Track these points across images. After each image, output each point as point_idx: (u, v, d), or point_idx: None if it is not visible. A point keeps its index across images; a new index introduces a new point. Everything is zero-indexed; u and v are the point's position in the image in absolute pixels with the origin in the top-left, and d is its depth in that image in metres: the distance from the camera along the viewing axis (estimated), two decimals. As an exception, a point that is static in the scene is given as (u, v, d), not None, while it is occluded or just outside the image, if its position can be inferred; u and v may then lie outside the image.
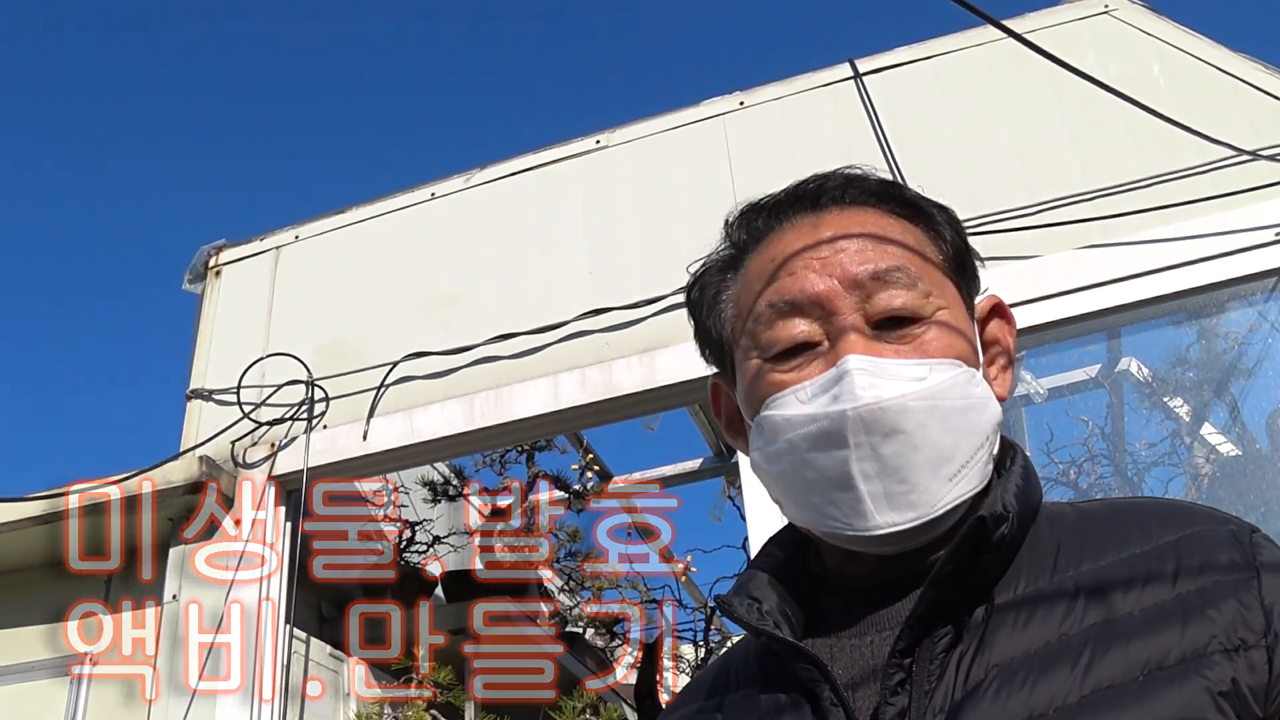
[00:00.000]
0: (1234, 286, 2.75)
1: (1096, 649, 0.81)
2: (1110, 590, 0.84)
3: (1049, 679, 0.80)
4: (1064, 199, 2.94)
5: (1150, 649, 0.80)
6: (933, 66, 3.34)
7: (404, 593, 4.24)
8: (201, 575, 3.35)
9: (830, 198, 1.00)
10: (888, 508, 0.89)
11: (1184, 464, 3.47)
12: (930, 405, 0.89)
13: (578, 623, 5.54)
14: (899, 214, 1.00)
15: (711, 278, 1.06)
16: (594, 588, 5.48)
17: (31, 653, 3.69)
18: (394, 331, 3.56)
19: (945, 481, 0.89)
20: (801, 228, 0.99)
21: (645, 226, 3.38)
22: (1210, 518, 0.90)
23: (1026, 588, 0.87)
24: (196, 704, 3.13)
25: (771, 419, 0.94)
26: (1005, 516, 0.88)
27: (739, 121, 3.47)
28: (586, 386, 3.17)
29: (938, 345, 0.92)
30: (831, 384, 0.90)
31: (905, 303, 0.93)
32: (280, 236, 3.97)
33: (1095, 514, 0.94)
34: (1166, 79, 3.03)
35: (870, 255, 0.94)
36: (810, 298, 0.94)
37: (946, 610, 0.86)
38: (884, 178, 1.03)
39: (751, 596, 0.95)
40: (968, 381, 0.92)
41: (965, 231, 1.03)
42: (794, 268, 0.96)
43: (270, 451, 3.46)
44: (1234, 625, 0.80)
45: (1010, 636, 0.84)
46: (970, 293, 1.00)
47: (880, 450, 0.88)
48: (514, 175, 3.71)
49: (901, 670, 0.85)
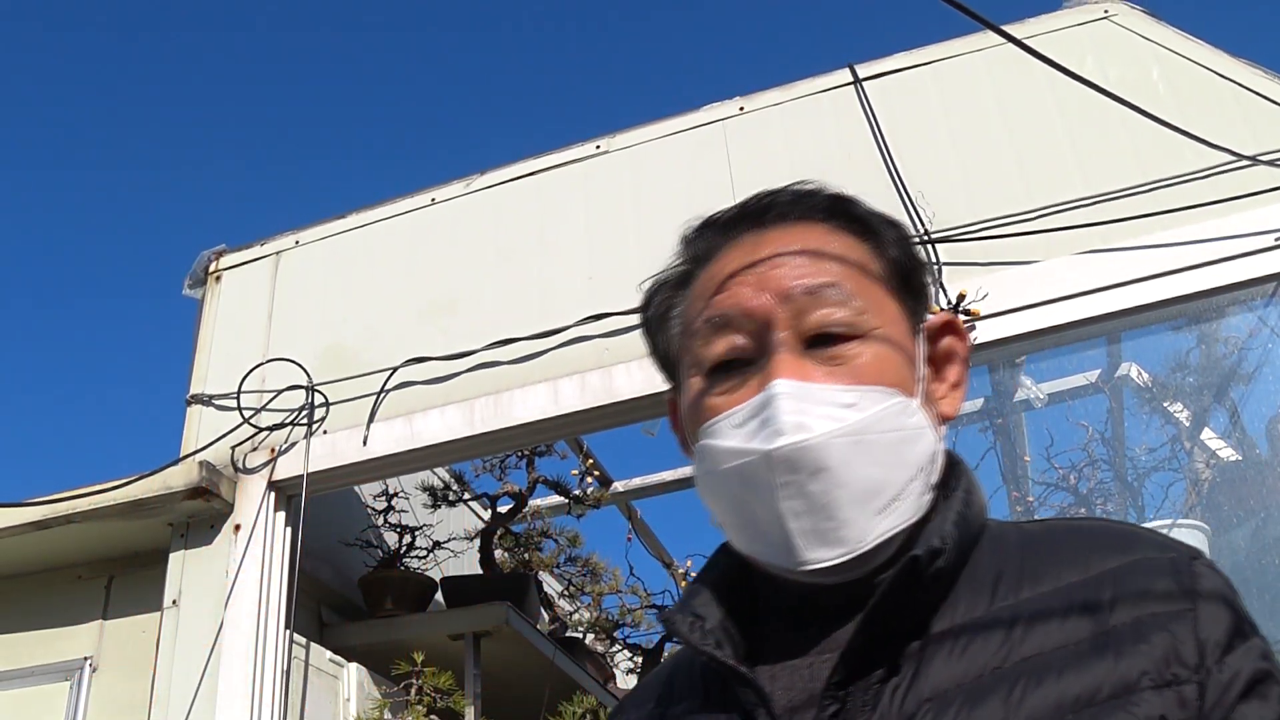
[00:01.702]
0: (1234, 291, 2.75)
1: (1029, 683, 0.80)
2: (1047, 621, 0.84)
3: (980, 712, 0.79)
4: (1064, 204, 2.95)
5: (1082, 684, 0.79)
6: (933, 72, 3.35)
7: (404, 598, 4.23)
8: (201, 580, 3.35)
9: (776, 214, 1.00)
10: (817, 544, 0.88)
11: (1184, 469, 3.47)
12: (855, 441, 0.88)
13: (577, 628, 5.54)
14: (846, 229, 0.99)
15: (663, 295, 1.07)
16: (594, 593, 5.48)
17: (32, 658, 3.69)
18: (394, 336, 3.56)
19: (874, 515, 0.89)
20: (744, 245, 0.99)
21: (645, 232, 3.38)
22: (1152, 544, 0.89)
23: (964, 617, 0.86)
24: (197, 709, 3.13)
25: (707, 447, 0.94)
26: (941, 550, 0.87)
27: (739, 127, 3.47)
28: (586, 391, 3.17)
29: (870, 369, 0.91)
30: (759, 409, 0.90)
31: (838, 319, 0.92)
32: (280, 241, 3.97)
33: (1038, 537, 0.93)
34: (1166, 84, 3.03)
35: (806, 271, 0.94)
36: (743, 312, 0.94)
37: (882, 642, 0.85)
38: (837, 193, 1.03)
39: (695, 614, 0.94)
40: (900, 412, 0.91)
41: (915, 249, 1.02)
42: (731, 284, 0.96)
43: (270, 457, 3.46)
44: (1166, 659, 0.79)
45: (945, 666, 0.83)
46: (916, 311, 0.99)
47: (807, 488, 0.88)
48: (514, 180, 3.71)
49: (837, 701, 0.84)
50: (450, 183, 3.81)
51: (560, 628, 5.28)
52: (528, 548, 5.24)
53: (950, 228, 3.00)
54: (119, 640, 3.64)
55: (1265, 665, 0.81)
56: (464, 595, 4.28)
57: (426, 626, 4.12)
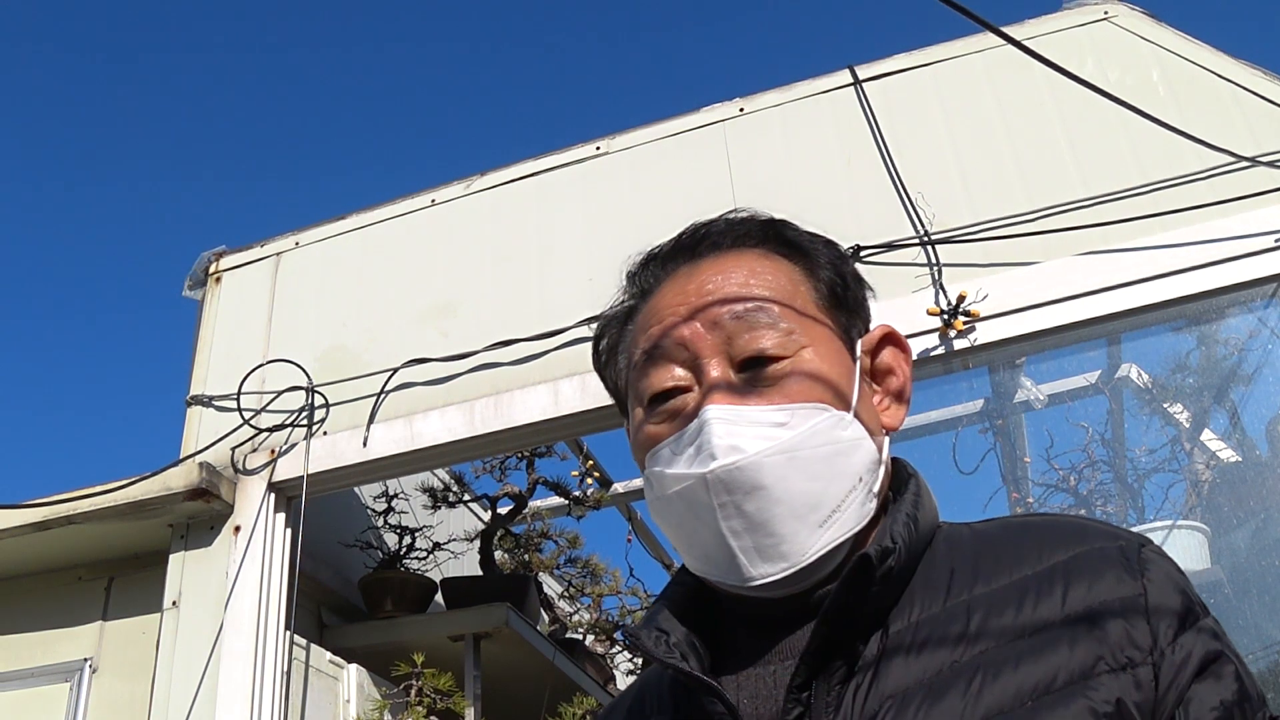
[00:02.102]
0: (1234, 292, 2.75)
1: (987, 675, 0.81)
2: (1002, 614, 0.85)
3: (941, 707, 0.81)
4: (1063, 205, 2.95)
5: (1039, 673, 0.80)
6: (932, 73, 3.35)
7: (404, 599, 4.23)
8: (201, 582, 3.35)
9: (709, 244, 1.03)
10: (760, 560, 0.90)
11: (1184, 470, 3.47)
12: (788, 457, 0.90)
13: (577, 629, 5.54)
14: (777, 253, 1.02)
15: (610, 331, 1.10)
16: (594, 594, 5.48)
17: (32, 659, 3.69)
18: (394, 337, 3.56)
19: (814, 529, 0.90)
20: (679, 277, 1.02)
21: (645, 233, 3.34)
22: (1101, 534, 0.90)
23: (920, 614, 0.88)
24: (197, 711, 3.13)
25: (654, 474, 0.96)
26: (892, 549, 0.88)
27: (739, 128, 3.47)
28: (586, 393, 3.17)
29: (799, 388, 0.93)
30: (695, 435, 0.92)
31: (766, 341, 0.94)
32: (280, 243, 3.97)
33: (990, 535, 0.95)
34: (1166, 85, 3.03)
35: (734, 296, 0.96)
36: (675, 341, 0.96)
37: (840, 643, 0.87)
38: (769, 218, 1.05)
39: (659, 629, 0.96)
40: (833, 426, 0.93)
41: (849, 267, 1.04)
42: (663, 316, 0.99)
43: (270, 458, 3.46)
44: (1121, 644, 0.81)
45: (904, 665, 0.84)
46: (850, 328, 1.01)
47: (744, 507, 0.90)
48: (514, 181, 3.71)
49: (800, 704, 0.85)
50: (450, 184, 3.81)
51: (560, 629, 5.27)
52: (528, 549, 5.25)
53: (950, 229, 3.00)
54: (119, 641, 3.64)
55: (1217, 645, 0.83)
56: (464, 596, 4.28)
57: (426, 628, 4.12)
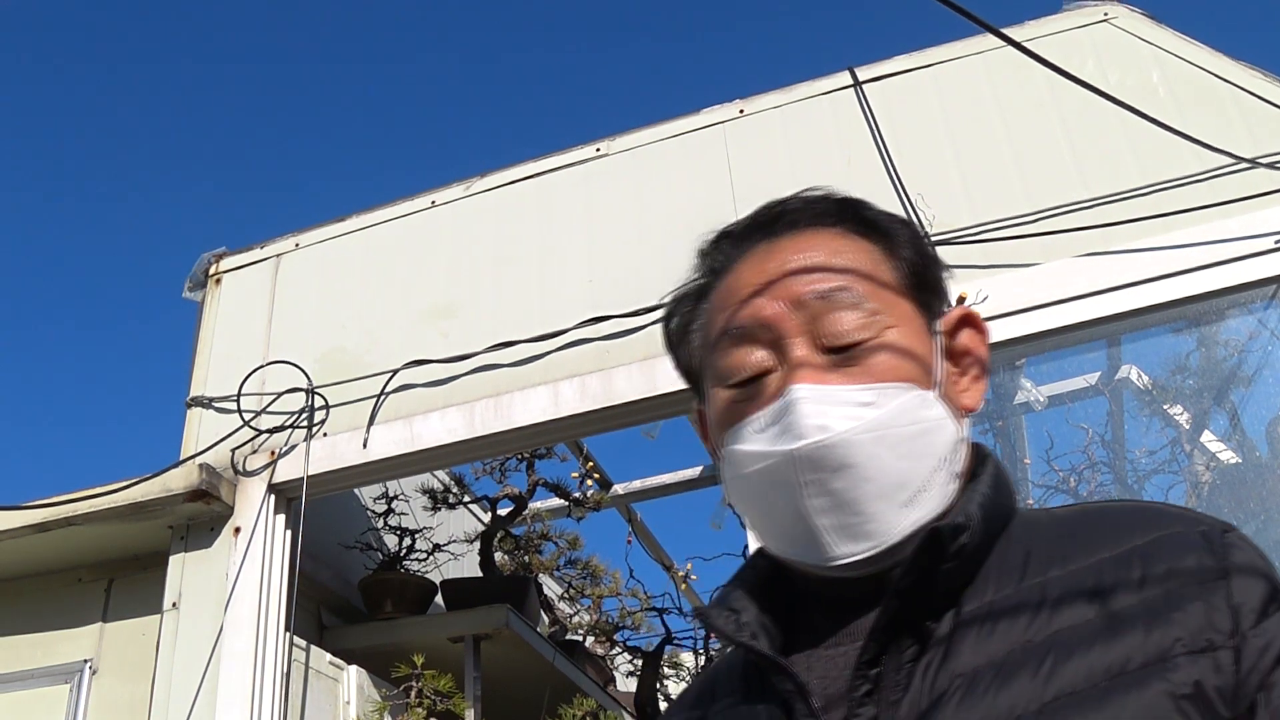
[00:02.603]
0: (1234, 294, 2.75)
1: (1059, 656, 0.80)
2: (1076, 596, 0.84)
3: (1011, 687, 0.80)
4: (1064, 206, 2.95)
5: (1112, 655, 0.79)
6: (932, 75, 3.35)
7: (404, 600, 4.23)
8: (201, 583, 3.35)
9: (786, 223, 1.02)
10: (844, 539, 0.90)
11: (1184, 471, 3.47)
12: (877, 435, 0.90)
13: (577, 630, 5.54)
14: (855, 233, 1.01)
15: (683, 307, 1.08)
16: (594, 595, 5.48)
17: (32, 660, 3.69)
18: (394, 339, 3.56)
19: (900, 508, 0.90)
20: (757, 256, 1.01)
21: (645, 235, 3.38)
22: (1181, 519, 0.89)
23: (994, 595, 0.87)
24: (196, 712, 3.13)
25: (733, 452, 0.96)
26: (965, 526, 0.87)
27: (739, 130, 3.47)
28: (586, 394, 3.17)
29: (885, 367, 0.93)
30: (781, 414, 0.91)
31: (852, 322, 0.93)
32: (280, 244, 3.97)
33: (1068, 519, 0.94)
34: (1166, 87, 3.04)
35: (816, 277, 0.96)
36: (759, 322, 0.96)
37: (910, 621, 0.86)
38: (845, 196, 1.04)
39: (730, 608, 0.96)
40: (918, 405, 0.92)
41: (928, 246, 1.03)
42: (745, 295, 0.98)
43: (270, 459, 3.46)
44: (1201, 627, 0.80)
45: (975, 645, 0.84)
46: (932, 307, 1.00)
47: (830, 485, 0.89)
48: (514, 183, 3.71)
49: (868, 681, 0.85)
50: (450, 185, 3.81)
51: (560, 630, 5.27)
52: (528, 550, 5.25)
53: (950, 230, 3.01)
54: (119, 643, 3.64)
55: None
56: (464, 598, 4.28)
57: (426, 629, 4.12)
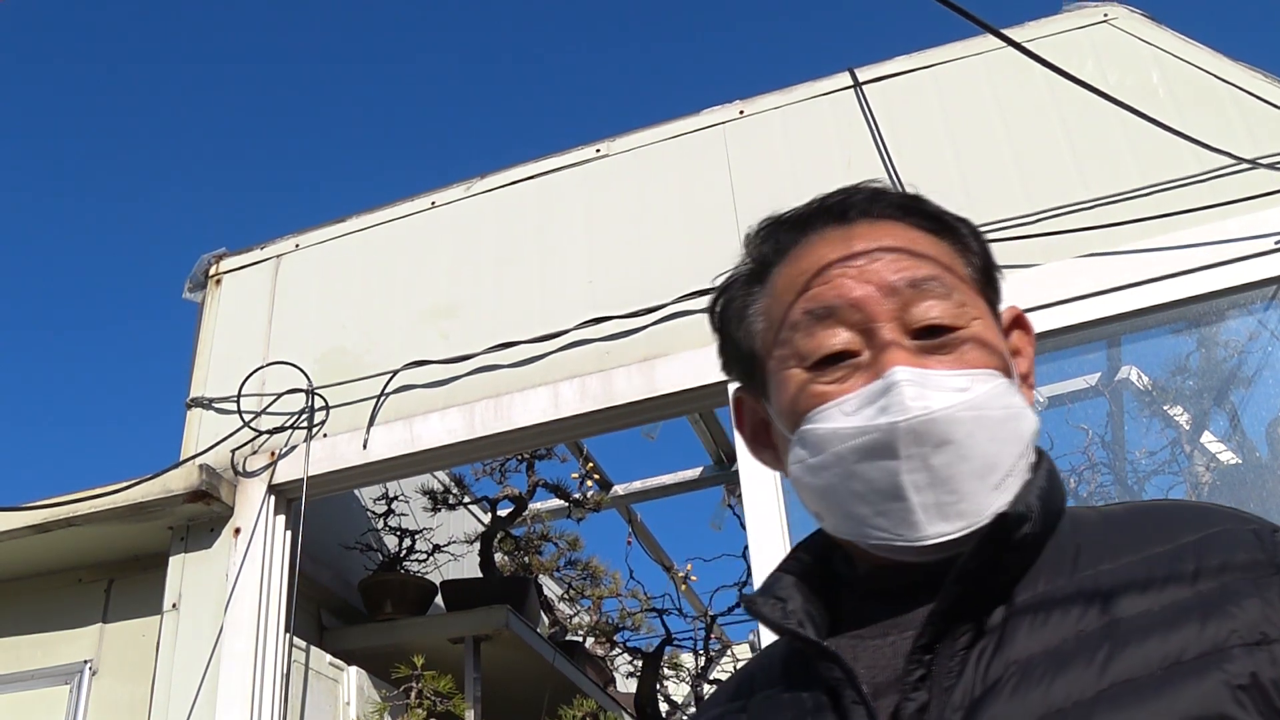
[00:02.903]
0: (1234, 295, 2.75)
1: (1114, 645, 0.81)
2: (1129, 588, 0.85)
3: (1067, 675, 0.80)
4: (1064, 207, 2.95)
5: (1168, 645, 0.80)
6: (932, 75, 3.35)
7: (404, 601, 4.23)
8: (201, 584, 3.35)
9: (858, 211, 1.01)
10: (938, 518, 0.90)
11: (1184, 472, 3.47)
12: (977, 415, 0.90)
13: (577, 631, 5.54)
14: (925, 228, 1.01)
15: (737, 291, 1.06)
16: (594, 596, 5.48)
17: (32, 661, 3.69)
18: (394, 340, 3.56)
19: (991, 490, 0.90)
20: (832, 239, 1.00)
21: (645, 235, 3.39)
22: (1232, 517, 0.90)
23: (1046, 586, 0.88)
24: (196, 713, 3.13)
25: (815, 431, 0.94)
26: (1028, 516, 0.88)
27: (739, 130, 3.47)
28: (586, 395, 3.17)
29: (975, 355, 0.94)
30: (878, 395, 0.91)
31: (943, 312, 0.94)
32: (280, 245, 3.97)
33: (1117, 516, 0.95)
34: (1166, 88, 3.04)
35: (905, 265, 0.96)
36: (849, 303, 0.95)
37: (968, 608, 0.87)
38: (908, 192, 1.05)
39: (777, 596, 0.96)
40: (1006, 391, 0.94)
41: (989, 246, 1.04)
42: (829, 276, 0.97)
43: (270, 460, 3.46)
44: (1256, 621, 0.80)
45: (1029, 634, 0.84)
46: (996, 304, 1.02)
47: (931, 461, 0.89)
48: (514, 184, 3.71)
49: (922, 666, 0.85)
50: (450, 186, 3.81)
51: (560, 631, 5.28)
52: (528, 551, 5.24)
53: (950, 231, 3.00)
54: (119, 644, 3.64)
55: None
56: (464, 599, 4.28)
57: (426, 630, 4.12)
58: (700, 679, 5.65)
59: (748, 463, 2.91)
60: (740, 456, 2.96)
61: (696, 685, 5.65)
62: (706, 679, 5.76)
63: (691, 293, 3.16)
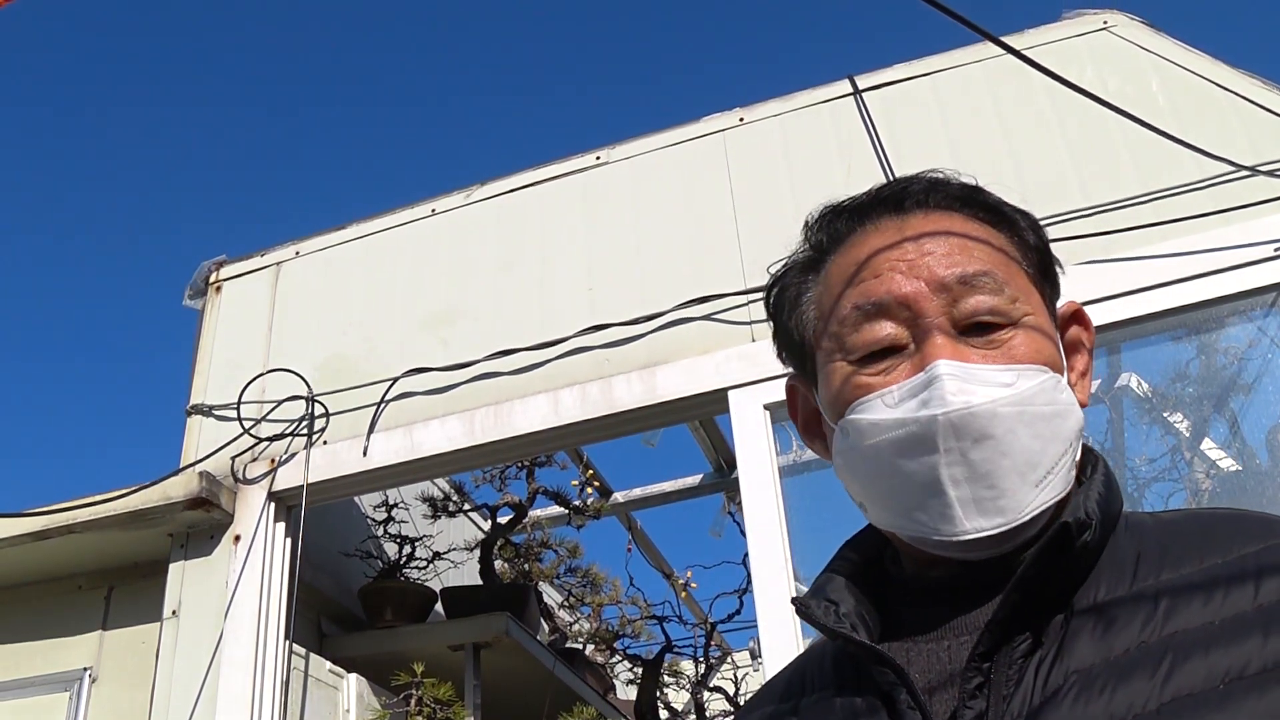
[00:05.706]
0: (1234, 302, 2.75)
1: (1176, 658, 0.80)
2: (1190, 600, 0.84)
3: (1128, 687, 0.80)
4: (1063, 215, 2.95)
5: (1230, 658, 0.79)
6: (932, 83, 3.35)
7: (404, 608, 4.23)
8: (201, 591, 3.35)
9: (914, 201, 1.01)
10: (976, 513, 0.89)
11: (1184, 479, 3.46)
12: (1019, 411, 0.89)
13: (577, 638, 5.53)
14: (982, 219, 1.01)
15: (792, 279, 1.06)
16: (594, 604, 5.48)
17: (31, 668, 3.69)
18: (394, 347, 3.56)
19: (1032, 487, 0.89)
20: (886, 230, 0.99)
21: (645, 242, 3.39)
22: None
23: (1106, 595, 0.87)
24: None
25: (858, 422, 0.94)
26: (1088, 523, 0.87)
27: (739, 138, 3.48)
28: (586, 402, 3.17)
29: (1024, 351, 0.93)
30: (920, 388, 0.91)
31: (992, 307, 0.93)
32: (281, 252, 3.97)
33: (1175, 524, 0.94)
34: (1165, 95, 3.04)
35: (957, 259, 0.95)
36: (897, 299, 0.94)
37: (1026, 615, 0.86)
38: (966, 182, 1.04)
39: (828, 599, 0.95)
40: (1054, 388, 0.93)
41: (1047, 237, 1.04)
42: (879, 269, 0.96)
43: (270, 467, 3.46)
44: None
45: (1089, 644, 0.83)
46: (1053, 298, 1.02)
47: (970, 456, 0.88)
48: (515, 191, 3.71)
49: (980, 674, 0.85)
50: (450, 193, 3.82)
51: (560, 639, 5.27)
52: (528, 558, 5.24)
53: (950, 238, 3.00)
54: (118, 651, 3.64)
55: None
56: (464, 606, 4.28)
57: (426, 637, 4.11)
58: (700, 686, 5.63)
59: (747, 470, 2.91)
60: (740, 464, 2.95)
61: (697, 692, 5.64)
62: (707, 686, 5.74)
63: (692, 300, 3.16)
